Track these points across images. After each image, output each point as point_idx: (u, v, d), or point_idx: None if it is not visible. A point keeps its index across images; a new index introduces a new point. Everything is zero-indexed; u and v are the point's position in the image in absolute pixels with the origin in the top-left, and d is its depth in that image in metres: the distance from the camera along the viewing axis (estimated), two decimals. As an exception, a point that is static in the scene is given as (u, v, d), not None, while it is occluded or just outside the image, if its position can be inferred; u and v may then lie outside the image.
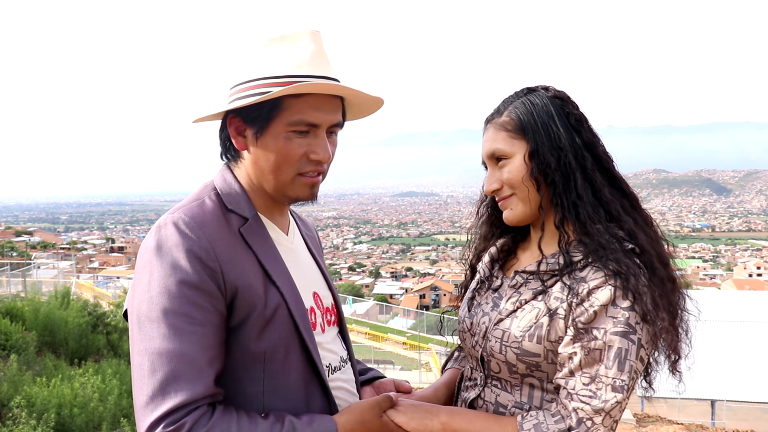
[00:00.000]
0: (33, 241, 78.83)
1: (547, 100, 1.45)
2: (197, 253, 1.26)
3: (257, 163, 1.39)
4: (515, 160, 1.43)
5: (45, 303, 10.68)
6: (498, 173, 1.46)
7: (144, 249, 1.29)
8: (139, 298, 1.25)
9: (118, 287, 22.71)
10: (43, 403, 5.60)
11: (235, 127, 1.40)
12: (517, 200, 1.45)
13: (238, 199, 1.40)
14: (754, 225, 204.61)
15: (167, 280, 1.23)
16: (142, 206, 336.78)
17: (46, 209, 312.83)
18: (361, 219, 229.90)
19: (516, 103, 1.46)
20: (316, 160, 1.37)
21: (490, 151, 1.46)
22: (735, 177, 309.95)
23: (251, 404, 1.31)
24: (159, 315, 1.22)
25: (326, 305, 1.53)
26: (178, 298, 1.23)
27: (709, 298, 23.97)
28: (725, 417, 17.26)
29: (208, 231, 1.30)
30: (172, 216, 1.30)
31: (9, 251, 41.31)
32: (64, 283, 16.68)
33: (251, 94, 1.35)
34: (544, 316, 1.35)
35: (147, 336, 1.22)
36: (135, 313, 1.26)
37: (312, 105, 1.34)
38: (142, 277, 1.27)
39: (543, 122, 1.41)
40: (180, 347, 1.21)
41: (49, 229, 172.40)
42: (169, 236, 1.27)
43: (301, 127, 1.34)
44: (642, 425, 10.83)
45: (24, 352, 7.66)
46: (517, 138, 1.43)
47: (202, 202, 1.37)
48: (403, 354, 24.50)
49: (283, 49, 1.36)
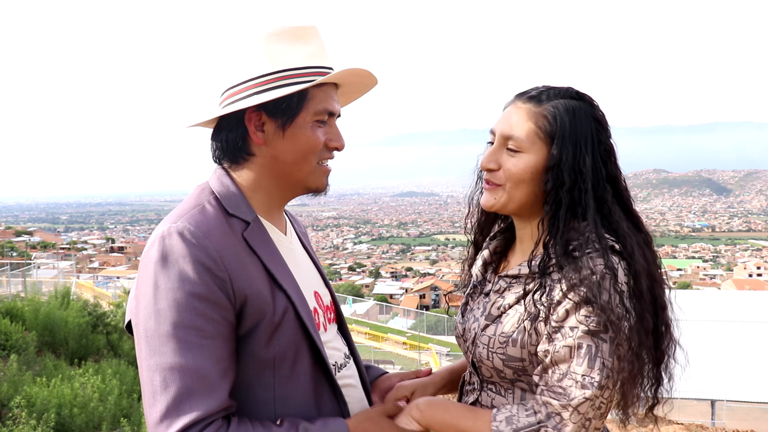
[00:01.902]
0: (33, 241, 78.81)
1: (590, 118, 1.37)
2: (206, 264, 1.24)
3: (279, 156, 1.39)
4: (529, 158, 1.37)
5: (45, 303, 10.68)
6: (503, 157, 1.40)
7: (147, 260, 1.27)
8: (146, 311, 1.23)
9: (118, 287, 22.70)
10: (43, 403, 5.60)
11: (254, 123, 1.39)
12: (505, 193, 1.40)
13: (238, 202, 1.39)
14: (754, 225, 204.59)
15: (176, 293, 1.21)
16: (142, 206, 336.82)
17: (46, 209, 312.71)
18: (361, 219, 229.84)
19: (559, 103, 1.37)
20: (334, 148, 1.42)
21: (508, 134, 1.39)
22: (735, 177, 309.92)
23: (263, 410, 1.31)
24: (169, 329, 1.20)
25: (326, 303, 1.53)
26: (188, 311, 1.21)
27: (709, 298, 23.98)
28: (725, 417, 17.25)
29: (215, 239, 1.28)
30: (176, 225, 1.27)
31: (9, 251, 41.31)
32: (64, 283, 16.68)
33: (278, 86, 1.35)
34: (526, 321, 1.35)
35: (157, 351, 1.20)
36: (142, 328, 1.23)
37: (329, 95, 1.40)
38: (146, 290, 1.24)
39: (576, 140, 1.34)
40: (192, 362, 1.19)
41: (49, 229, 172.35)
42: (174, 246, 1.24)
43: (323, 116, 1.38)
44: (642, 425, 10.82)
45: (24, 352, 7.66)
46: (543, 139, 1.36)
47: (203, 208, 1.34)
48: (403, 354, 24.50)
49: (292, 42, 1.38)
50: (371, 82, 1.51)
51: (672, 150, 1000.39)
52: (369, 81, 1.50)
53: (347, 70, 1.39)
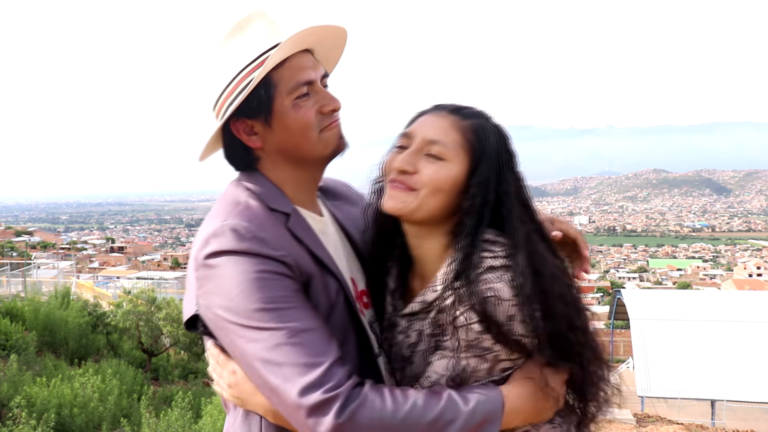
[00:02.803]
0: (33, 241, 78.80)
1: (508, 144, 1.39)
2: (266, 252, 1.25)
3: (281, 147, 1.40)
4: (452, 168, 1.32)
5: (45, 303, 10.69)
6: (422, 162, 1.33)
7: (202, 259, 1.26)
8: (227, 303, 1.22)
9: (118, 287, 22.68)
10: (43, 403, 5.60)
11: (242, 130, 1.40)
12: (417, 199, 1.32)
13: (275, 196, 1.40)
14: (754, 225, 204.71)
15: (250, 276, 1.22)
16: (142, 206, 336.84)
17: (46, 209, 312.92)
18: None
19: (484, 122, 1.37)
20: (330, 111, 1.40)
21: (433, 139, 1.33)
22: (735, 177, 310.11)
23: None
24: (260, 306, 1.20)
25: (360, 288, 1.51)
26: (269, 287, 1.22)
27: (709, 298, 23.98)
28: (725, 417, 17.24)
29: (269, 232, 1.30)
30: (228, 223, 1.27)
31: (9, 251, 41.34)
32: (64, 283, 16.69)
33: (240, 90, 1.36)
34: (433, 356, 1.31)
35: (258, 332, 1.19)
36: (231, 319, 1.22)
37: (297, 67, 1.38)
38: (217, 283, 1.23)
39: (500, 161, 1.34)
40: (299, 323, 1.20)
41: (49, 229, 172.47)
42: (232, 241, 1.25)
43: (301, 90, 1.37)
44: (642, 425, 10.83)
45: (24, 352, 7.66)
46: (468, 152, 1.33)
47: (248, 205, 1.35)
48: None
49: (241, 37, 1.40)
50: (334, 33, 1.46)
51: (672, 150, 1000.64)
52: (330, 34, 1.45)
53: (291, 39, 1.34)
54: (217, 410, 6.20)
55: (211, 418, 5.98)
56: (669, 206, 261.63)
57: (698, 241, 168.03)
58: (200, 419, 6.18)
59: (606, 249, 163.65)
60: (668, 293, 28.20)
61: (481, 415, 1.20)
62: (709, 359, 18.61)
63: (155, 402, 8.00)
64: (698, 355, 18.72)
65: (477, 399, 1.21)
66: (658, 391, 17.95)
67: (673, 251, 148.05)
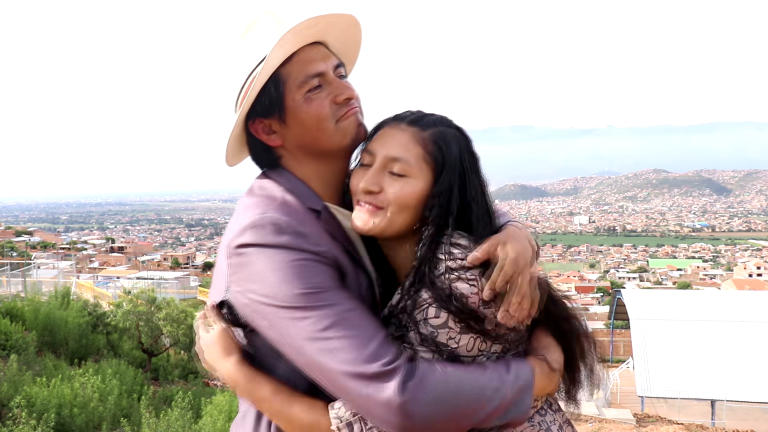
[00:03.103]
0: (33, 241, 78.82)
1: (470, 149, 1.38)
2: (305, 244, 1.26)
3: (300, 140, 1.40)
4: (416, 183, 1.33)
5: (45, 303, 10.69)
6: (386, 180, 1.34)
7: (236, 247, 1.26)
8: (267, 288, 1.22)
9: (118, 287, 22.69)
10: (43, 403, 5.60)
11: (261, 129, 1.41)
12: (386, 218, 1.33)
13: (307, 193, 1.40)
14: (754, 225, 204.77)
15: (290, 264, 1.22)
16: (142, 206, 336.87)
17: (46, 209, 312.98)
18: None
19: (444, 130, 1.37)
20: (345, 99, 1.39)
21: (394, 156, 1.33)
22: (735, 177, 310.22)
23: None
24: (301, 292, 1.21)
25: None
26: (309, 275, 1.22)
27: (709, 298, 23.98)
28: (725, 417, 17.25)
29: (309, 227, 1.31)
30: (267, 216, 1.27)
31: (9, 251, 41.34)
32: (64, 283, 16.70)
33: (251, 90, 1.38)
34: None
35: (302, 309, 1.20)
36: (273, 301, 1.22)
37: (305, 60, 1.37)
38: (253, 270, 1.24)
39: (463, 169, 1.34)
40: (344, 303, 1.21)
41: (49, 229, 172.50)
42: (270, 233, 1.25)
43: (312, 83, 1.36)
44: (642, 425, 10.82)
45: (24, 352, 7.66)
46: (430, 164, 1.33)
47: (285, 200, 1.35)
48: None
49: (251, 37, 1.40)
50: (340, 22, 1.43)
51: (672, 150, 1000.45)
52: (335, 23, 1.42)
53: (290, 33, 1.33)
54: (217, 410, 6.20)
55: (211, 418, 5.98)
56: (669, 206, 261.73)
57: (698, 241, 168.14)
58: (200, 419, 6.18)
59: (606, 249, 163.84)
60: (668, 293, 28.19)
61: (520, 383, 1.24)
62: (709, 359, 18.61)
63: (155, 402, 8.00)
64: (698, 355, 18.73)
65: (515, 368, 1.25)
66: (658, 391, 17.96)
67: (673, 251, 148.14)
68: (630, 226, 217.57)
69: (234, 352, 1.33)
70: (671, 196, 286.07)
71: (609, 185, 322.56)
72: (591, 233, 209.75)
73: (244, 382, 1.31)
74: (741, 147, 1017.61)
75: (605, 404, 17.49)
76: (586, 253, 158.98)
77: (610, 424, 10.32)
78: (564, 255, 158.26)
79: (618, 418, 12.52)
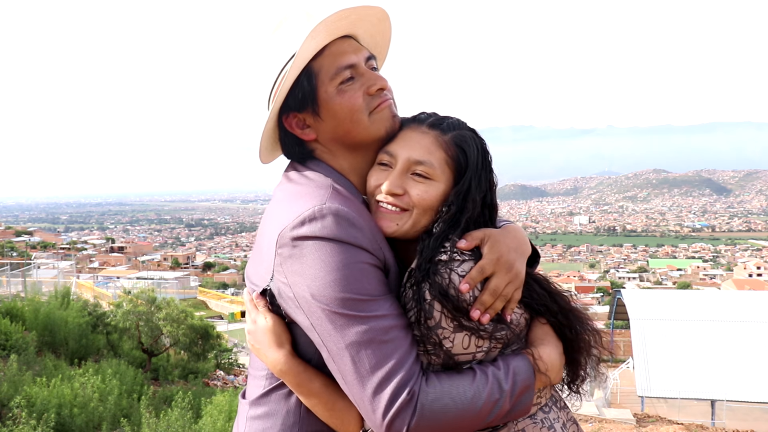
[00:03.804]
0: (33, 241, 78.82)
1: (486, 151, 1.43)
2: (362, 240, 1.27)
3: (334, 133, 1.40)
4: (439, 186, 1.37)
5: (45, 303, 10.68)
6: (409, 183, 1.37)
7: (292, 239, 1.26)
8: (317, 286, 1.23)
9: (118, 287, 22.70)
10: (43, 403, 5.60)
11: (295, 123, 1.41)
12: (411, 219, 1.37)
13: (346, 185, 1.40)
14: (754, 225, 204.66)
15: (345, 264, 1.23)
16: (142, 206, 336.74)
17: (46, 209, 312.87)
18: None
19: (464, 134, 1.41)
20: (378, 90, 1.39)
21: (418, 159, 1.37)
22: (735, 177, 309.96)
23: None
24: (348, 296, 1.22)
25: None
26: (365, 277, 1.24)
27: (709, 298, 23.97)
28: (725, 417, 17.24)
29: (365, 218, 1.31)
30: (329, 207, 1.27)
31: (9, 251, 41.34)
32: (64, 283, 16.69)
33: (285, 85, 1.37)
34: None
35: (347, 316, 1.22)
36: (320, 300, 1.23)
37: (337, 53, 1.37)
38: (305, 264, 1.24)
39: (481, 171, 1.39)
40: (386, 319, 1.22)
41: (49, 229, 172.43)
42: (331, 225, 1.25)
43: (344, 74, 1.36)
44: (642, 425, 10.82)
45: (24, 352, 7.66)
46: (452, 168, 1.38)
47: (338, 191, 1.34)
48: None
49: (282, 32, 1.40)
50: (370, 14, 1.43)
51: (672, 150, 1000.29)
52: (364, 15, 1.42)
53: (322, 25, 1.33)
54: (217, 410, 6.20)
55: (211, 418, 5.98)
56: (669, 206, 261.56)
57: (698, 241, 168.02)
58: (200, 419, 6.18)
59: (606, 249, 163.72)
60: (668, 293, 28.17)
61: (519, 388, 1.26)
62: (709, 359, 18.61)
63: (155, 402, 8.00)
64: (698, 355, 18.72)
65: (513, 372, 1.27)
66: (658, 391, 17.95)
67: (673, 251, 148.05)
68: (630, 226, 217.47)
69: (286, 343, 1.36)
70: (671, 196, 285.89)
71: (609, 185, 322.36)
72: (591, 233, 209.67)
73: (295, 374, 1.34)
74: (741, 147, 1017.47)
75: (605, 404, 17.50)
76: (586, 253, 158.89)
77: (610, 424, 10.32)
78: (564, 255, 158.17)
79: (618, 418, 12.52)
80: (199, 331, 12.57)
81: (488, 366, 1.26)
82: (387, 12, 1.45)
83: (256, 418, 1.41)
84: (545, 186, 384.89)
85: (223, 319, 32.10)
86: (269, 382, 1.40)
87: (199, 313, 18.74)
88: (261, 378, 1.42)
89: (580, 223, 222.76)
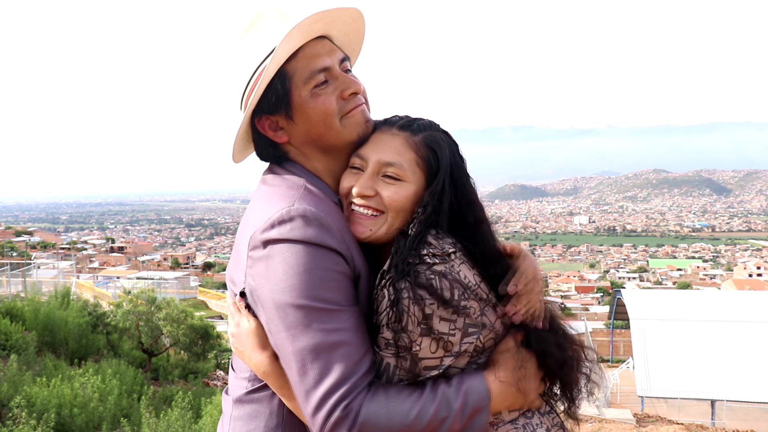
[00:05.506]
0: (33, 241, 78.72)
1: (458, 152, 1.41)
2: (331, 242, 1.26)
3: (307, 136, 1.39)
4: (410, 187, 1.36)
5: (45, 303, 10.67)
6: (379, 185, 1.36)
7: (261, 242, 1.26)
8: (278, 288, 1.23)
9: (118, 287, 22.69)
10: (43, 403, 5.59)
11: (267, 126, 1.40)
12: (385, 222, 1.36)
13: (324, 187, 1.40)
14: (754, 225, 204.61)
15: (308, 269, 1.22)
16: (142, 206, 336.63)
17: (46, 209, 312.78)
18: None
19: (435, 134, 1.40)
20: (351, 94, 1.39)
21: (388, 161, 1.36)
22: (735, 177, 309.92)
23: None
24: (305, 302, 1.21)
25: None
26: (323, 284, 1.23)
27: (709, 298, 23.97)
28: (725, 417, 17.24)
29: (335, 219, 1.31)
30: (297, 208, 1.27)
31: (9, 251, 41.32)
32: (64, 283, 16.68)
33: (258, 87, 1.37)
34: None
35: (295, 327, 1.22)
36: (275, 305, 1.24)
37: (311, 55, 1.36)
38: (270, 269, 1.24)
39: (453, 171, 1.37)
40: (338, 333, 1.22)
41: (49, 229, 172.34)
42: (298, 227, 1.24)
43: (318, 78, 1.36)
44: (642, 425, 10.82)
45: (24, 352, 7.65)
46: (423, 168, 1.37)
47: (309, 191, 1.34)
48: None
49: (254, 33, 1.39)
50: (346, 15, 1.42)
51: (672, 150, 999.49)
52: (340, 17, 1.41)
53: (297, 28, 1.32)
54: (217, 410, 6.20)
55: (211, 418, 5.98)
56: (669, 206, 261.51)
57: (698, 241, 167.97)
58: (200, 419, 6.18)
59: (606, 249, 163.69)
60: (668, 293, 28.17)
61: (469, 411, 1.24)
62: (709, 359, 18.61)
63: (155, 402, 8.00)
64: (698, 355, 18.72)
65: (466, 393, 1.25)
66: (658, 391, 17.95)
67: (673, 251, 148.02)
68: (630, 226, 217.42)
69: (269, 346, 1.35)
70: (671, 196, 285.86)
71: (609, 185, 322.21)
72: (591, 233, 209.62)
73: (278, 376, 1.34)
74: (741, 147, 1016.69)
75: (605, 404, 17.49)
76: (586, 253, 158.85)
77: (610, 424, 10.31)
78: (564, 255, 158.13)
79: (618, 418, 12.50)
80: (199, 331, 12.56)
81: (440, 383, 1.25)
82: (361, 12, 1.45)
83: (240, 418, 1.42)
84: (545, 186, 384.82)
85: (223, 319, 32.05)
86: (252, 384, 1.40)
87: (199, 313, 18.74)
88: (244, 380, 1.42)
89: (580, 223, 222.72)
